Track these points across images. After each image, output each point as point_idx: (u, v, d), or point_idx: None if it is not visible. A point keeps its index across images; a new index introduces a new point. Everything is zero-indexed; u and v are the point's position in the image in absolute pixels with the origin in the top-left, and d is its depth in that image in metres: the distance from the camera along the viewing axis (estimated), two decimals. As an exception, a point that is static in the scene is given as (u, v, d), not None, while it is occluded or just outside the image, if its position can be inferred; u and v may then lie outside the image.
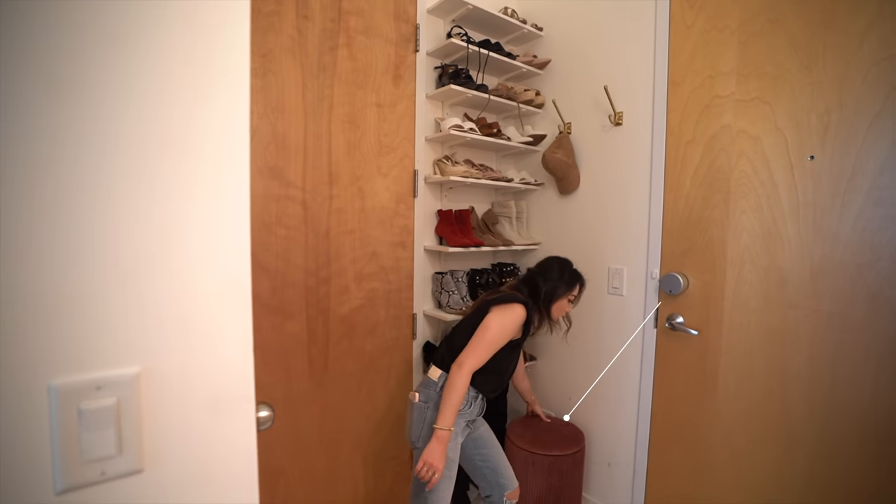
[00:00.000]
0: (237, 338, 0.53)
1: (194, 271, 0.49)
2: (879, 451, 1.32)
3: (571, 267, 1.66)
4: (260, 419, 0.71)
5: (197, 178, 0.49)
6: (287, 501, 1.78)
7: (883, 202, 1.30)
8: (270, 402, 1.69)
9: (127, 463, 0.46)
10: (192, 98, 0.48)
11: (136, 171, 0.45)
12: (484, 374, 1.51)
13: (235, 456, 0.55)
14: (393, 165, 1.97)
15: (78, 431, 0.43)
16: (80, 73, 0.42)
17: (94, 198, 0.43)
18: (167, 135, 0.47)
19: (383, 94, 1.93)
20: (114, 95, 0.44)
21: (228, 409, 0.53)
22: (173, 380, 0.49)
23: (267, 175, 1.65)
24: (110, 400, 0.44)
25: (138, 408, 0.46)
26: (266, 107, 1.64)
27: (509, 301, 1.52)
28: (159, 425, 0.49)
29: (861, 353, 1.35)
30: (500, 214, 2.28)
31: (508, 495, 1.59)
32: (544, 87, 2.26)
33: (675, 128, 1.76)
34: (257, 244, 1.64)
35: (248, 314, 0.53)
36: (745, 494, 1.60)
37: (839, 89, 1.36)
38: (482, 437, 1.64)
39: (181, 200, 0.48)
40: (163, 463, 0.49)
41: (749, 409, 1.58)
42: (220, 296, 0.51)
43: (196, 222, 0.49)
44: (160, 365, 0.48)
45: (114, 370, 0.45)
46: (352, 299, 1.87)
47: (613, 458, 2.00)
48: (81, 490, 0.44)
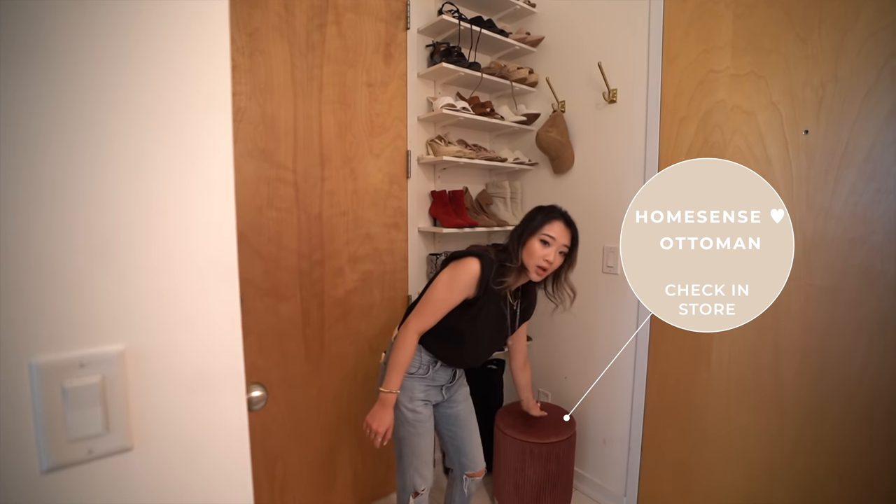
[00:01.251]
0: (224, 314, 0.52)
1: (175, 245, 0.48)
2: (868, 418, 1.34)
3: (550, 205, 1.42)
4: (253, 399, 0.70)
5: (175, 146, 0.47)
6: (286, 484, 1.80)
7: (875, 176, 1.30)
8: (266, 387, 1.71)
9: (115, 441, 0.45)
10: (169, 60, 0.46)
11: (111, 139, 0.44)
12: (436, 335, 1.38)
13: (227, 434, 0.55)
14: (385, 146, 1.94)
15: (63, 410, 0.42)
16: (45, 36, 0.40)
17: (68, 168, 0.42)
18: (142, 100, 0.45)
19: (374, 74, 1.89)
20: (85, 59, 0.42)
21: (217, 386, 0.53)
22: (159, 357, 0.48)
23: (257, 157, 1.62)
24: (95, 378, 0.43)
25: (124, 386, 0.45)
26: (254, 87, 1.60)
27: (464, 255, 1.36)
28: (147, 403, 0.48)
29: (853, 326, 1.36)
30: (494, 195, 2.27)
31: (469, 474, 1.57)
32: (538, 65, 2.22)
33: (669, 104, 1.75)
34: (249, 227, 1.62)
35: (234, 290, 0.52)
36: (738, 464, 1.63)
37: (834, 61, 1.34)
38: (456, 416, 1.54)
39: (159, 170, 0.46)
40: (152, 441, 0.48)
41: (742, 381, 1.60)
42: (204, 270, 0.50)
43: (175, 193, 0.47)
44: (145, 342, 0.47)
45: (97, 347, 0.44)
46: (346, 282, 1.86)
47: (608, 435, 2.02)
48: (69, 469, 0.43)
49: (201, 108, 0.49)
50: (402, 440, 1.44)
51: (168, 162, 0.47)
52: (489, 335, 1.44)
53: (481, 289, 1.32)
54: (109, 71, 0.43)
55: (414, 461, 1.44)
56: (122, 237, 0.45)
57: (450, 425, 1.55)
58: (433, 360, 1.44)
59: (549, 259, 1.33)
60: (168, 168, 0.47)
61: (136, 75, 0.45)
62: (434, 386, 1.47)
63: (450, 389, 1.53)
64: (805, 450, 1.47)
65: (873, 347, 1.33)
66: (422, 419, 1.43)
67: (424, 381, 1.44)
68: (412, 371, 1.41)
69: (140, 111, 0.45)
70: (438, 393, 1.49)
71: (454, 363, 1.47)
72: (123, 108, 0.44)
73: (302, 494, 1.85)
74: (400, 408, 1.40)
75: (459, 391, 1.57)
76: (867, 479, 1.35)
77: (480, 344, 1.43)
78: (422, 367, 1.43)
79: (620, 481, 1.99)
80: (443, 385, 1.49)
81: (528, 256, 1.35)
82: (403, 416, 1.41)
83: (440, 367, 1.46)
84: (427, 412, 1.45)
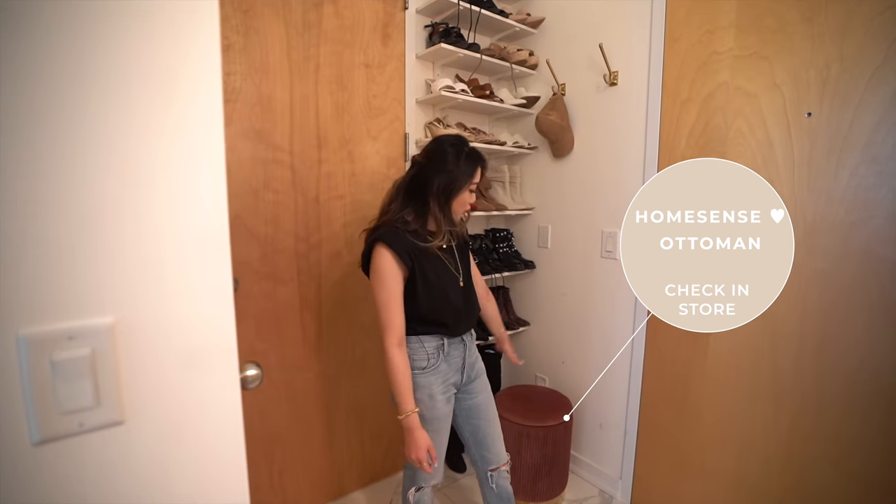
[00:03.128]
0: (215, 289, 0.51)
1: (165, 218, 0.47)
2: (866, 407, 1.34)
3: (467, 147, 1.32)
4: (248, 377, 0.70)
5: (164, 117, 0.46)
6: (285, 467, 1.81)
7: (878, 158, 1.29)
8: (264, 370, 1.71)
9: (106, 414, 0.45)
10: (155, 29, 0.45)
11: (96, 110, 0.42)
12: (417, 320, 1.33)
13: (220, 410, 0.55)
14: (383, 128, 1.92)
15: (52, 382, 0.42)
16: (28, 6, 0.38)
17: (55, 140, 0.41)
18: (128, 69, 0.44)
19: (371, 54, 1.86)
20: (66, 28, 0.40)
21: (210, 362, 0.52)
22: (150, 330, 0.47)
23: (253, 138, 1.60)
24: (84, 350, 0.43)
25: (115, 359, 0.45)
26: (249, 67, 1.57)
27: (370, 250, 1.30)
28: (138, 377, 0.47)
29: (851, 311, 1.36)
30: (493, 179, 2.25)
31: (492, 469, 1.47)
32: (538, 47, 2.18)
33: (670, 87, 1.72)
34: (245, 209, 1.61)
35: (226, 265, 0.51)
36: (732, 449, 1.64)
37: (840, 41, 1.32)
38: (476, 408, 1.46)
39: (146, 142, 0.45)
40: (144, 415, 0.48)
41: (739, 368, 1.60)
42: (195, 245, 0.49)
43: (164, 165, 0.46)
44: (135, 315, 0.46)
45: (86, 320, 0.43)
46: (344, 265, 1.86)
47: (605, 419, 2.04)
48: (59, 441, 0.43)
49: (190, 78, 0.48)
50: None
51: (156, 134, 0.46)
52: (449, 282, 1.36)
53: (408, 260, 1.27)
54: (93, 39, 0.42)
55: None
56: (110, 209, 0.44)
57: (471, 418, 1.47)
58: (439, 344, 1.35)
59: (473, 202, 1.36)
60: (156, 140, 0.46)
61: (121, 43, 0.43)
62: (452, 370, 1.39)
63: (473, 369, 1.45)
64: (800, 436, 1.47)
65: (870, 333, 1.33)
66: (439, 416, 1.37)
67: (440, 372, 1.36)
68: (424, 366, 1.33)
69: (126, 80, 0.44)
70: (458, 374, 1.40)
71: (452, 327, 1.36)
72: (108, 77, 0.43)
73: (301, 477, 1.87)
74: (419, 404, 1.32)
75: (479, 380, 1.48)
76: (861, 467, 1.35)
77: (450, 294, 1.35)
78: (431, 358, 1.35)
79: (616, 464, 2.01)
80: (461, 366, 1.40)
81: (459, 206, 1.33)
82: (421, 412, 1.32)
83: (448, 347, 1.37)
84: (446, 409, 1.39)
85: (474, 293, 1.46)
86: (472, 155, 1.31)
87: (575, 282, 2.12)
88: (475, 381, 1.47)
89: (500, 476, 1.49)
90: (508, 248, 2.30)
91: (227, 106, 1.54)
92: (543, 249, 2.26)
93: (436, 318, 1.33)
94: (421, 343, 1.34)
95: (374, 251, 1.28)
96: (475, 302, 1.47)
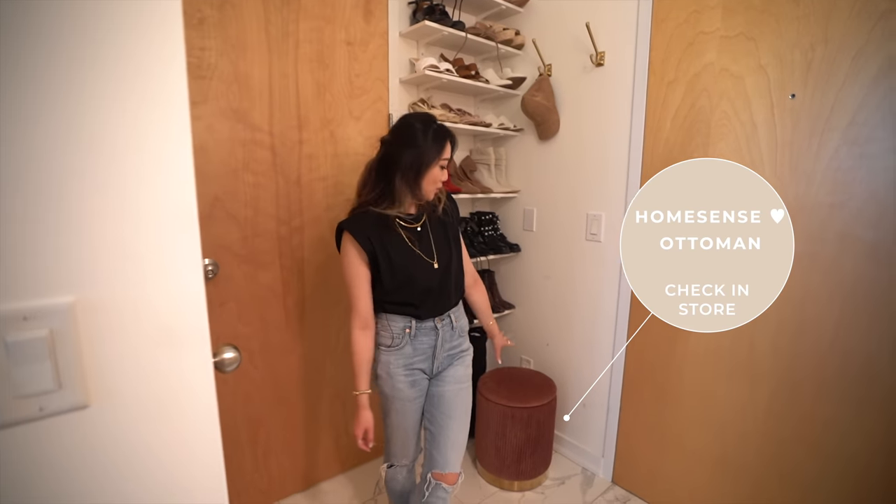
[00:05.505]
0: (185, 267, 0.49)
1: (130, 192, 0.44)
2: (835, 385, 1.38)
3: (435, 124, 1.28)
4: (226, 360, 0.68)
5: (129, 85, 0.43)
6: (269, 450, 1.80)
7: (858, 141, 1.30)
8: (247, 354, 1.69)
9: (69, 398, 0.43)
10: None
11: (53, 67, 0.39)
12: (386, 300, 1.31)
13: (193, 393, 0.53)
14: (366, 108, 1.87)
15: (7, 365, 0.40)
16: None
17: (9, 106, 0.38)
18: (86, 31, 0.40)
19: (353, 31, 1.80)
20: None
21: (181, 343, 0.50)
22: (115, 311, 0.45)
23: (231, 117, 1.55)
24: (41, 331, 0.40)
25: (76, 340, 0.43)
26: (225, 43, 1.51)
27: (339, 237, 1.32)
28: (104, 359, 0.45)
29: (827, 293, 1.38)
30: (478, 161, 2.23)
31: (435, 474, 1.33)
32: (524, 26, 2.15)
33: (657, 67, 1.71)
34: (225, 192, 1.56)
35: (195, 242, 0.49)
36: (711, 428, 1.68)
37: (826, 22, 1.31)
38: (440, 397, 1.37)
39: (107, 112, 0.42)
40: (112, 398, 0.46)
41: (718, 350, 1.63)
42: (163, 220, 0.47)
43: (128, 136, 0.44)
44: (99, 294, 0.44)
45: (43, 300, 0.41)
46: (327, 248, 1.83)
47: (588, 399, 2.07)
48: (18, 426, 0.41)
49: (154, 41, 0.45)
50: (383, 413, 1.41)
51: (119, 102, 0.43)
52: (418, 264, 1.30)
53: (368, 243, 1.25)
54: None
55: (392, 435, 1.41)
56: (69, 181, 0.41)
57: (431, 406, 1.38)
58: (406, 326, 1.31)
59: (444, 178, 1.29)
60: (118, 107, 0.43)
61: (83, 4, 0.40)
62: (419, 355, 1.34)
63: (450, 357, 1.38)
64: (775, 416, 1.51)
65: (845, 314, 1.35)
66: (400, 396, 1.33)
67: (402, 354, 1.32)
68: (388, 344, 1.33)
69: (85, 42, 0.41)
70: (427, 361, 1.35)
71: (421, 308, 1.31)
72: (60, 32, 0.40)
73: (285, 460, 1.86)
74: (378, 382, 1.35)
75: (453, 370, 1.38)
76: (833, 445, 1.39)
77: (418, 276, 1.29)
78: (396, 338, 1.32)
79: (598, 443, 2.05)
80: (431, 354, 1.35)
81: (430, 183, 1.27)
82: (381, 391, 1.36)
83: (416, 331, 1.32)
84: (410, 392, 1.34)
85: (454, 278, 1.37)
86: (440, 130, 1.27)
87: (559, 265, 2.12)
88: (446, 370, 1.39)
89: (438, 489, 1.32)
90: (494, 232, 2.29)
91: (202, 83, 1.48)
92: (529, 232, 2.26)
93: (402, 299, 1.30)
94: (388, 321, 1.33)
95: (340, 236, 1.30)
96: (454, 287, 1.37)
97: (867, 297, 1.32)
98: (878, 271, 1.29)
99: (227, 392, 1.65)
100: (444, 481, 1.32)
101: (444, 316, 1.36)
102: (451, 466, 1.33)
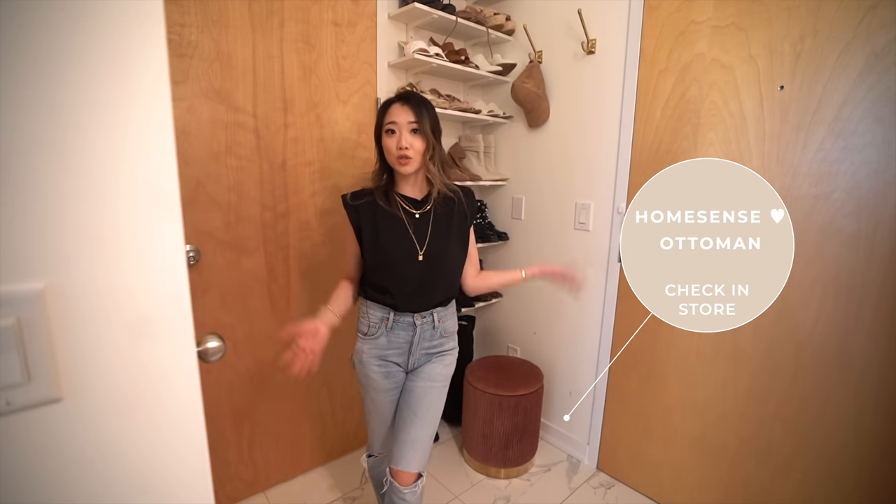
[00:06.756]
0: (165, 253, 0.46)
1: (105, 171, 0.41)
2: (813, 367, 1.41)
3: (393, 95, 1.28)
4: (210, 349, 0.66)
5: (101, 51, 0.40)
6: (253, 440, 1.78)
7: (844, 133, 1.31)
8: (231, 343, 1.65)
9: (39, 391, 0.40)
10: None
11: (10, 36, 0.36)
12: (368, 284, 1.31)
13: (175, 384, 0.50)
14: (353, 92, 1.83)
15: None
16: None
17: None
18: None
19: (341, 12, 1.75)
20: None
21: (162, 331, 0.48)
22: (89, 298, 0.42)
23: (213, 98, 1.50)
24: (7, 320, 0.38)
25: (46, 329, 0.40)
26: (206, 19, 1.45)
27: None
28: (79, 349, 0.43)
29: (809, 282, 1.40)
30: (467, 149, 2.20)
31: (392, 470, 1.28)
32: (515, 12, 2.11)
33: (648, 56, 1.70)
34: (207, 176, 1.52)
35: (177, 227, 0.46)
36: (694, 411, 1.71)
37: (816, 13, 1.31)
38: (411, 392, 1.32)
39: (77, 83, 0.39)
40: (87, 391, 0.44)
41: (700, 334, 1.65)
42: (142, 202, 0.44)
43: (102, 110, 0.40)
44: (70, 280, 0.41)
45: (9, 285, 0.38)
46: (313, 235, 1.79)
47: (574, 387, 2.09)
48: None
49: (129, 9, 0.41)
50: (362, 402, 1.40)
51: (90, 73, 0.40)
52: (401, 250, 1.25)
53: (354, 214, 1.28)
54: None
55: (369, 424, 1.41)
56: (35, 157, 0.38)
57: (401, 400, 1.35)
58: (383, 317, 1.28)
59: (402, 145, 1.19)
60: (95, 85, 0.40)
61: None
62: (394, 349, 1.30)
63: (428, 356, 1.33)
64: (756, 397, 1.54)
65: (825, 302, 1.38)
66: (375, 386, 1.32)
67: (377, 344, 1.29)
68: (365, 332, 1.31)
69: (55, 6, 0.38)
70: (402, 356, 1.31)
71: (398, 298, 1.26)
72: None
73: (270, 450, 1.84)
74: (355, 369, 1.36)
75: (429, 367, 1.33)
76: (808, 424, 1.44)
77: (397, 262, 1.25)
78: (371, 327, 1.29)
79: (584, 430, 2.07)
80: (407, 349, 1.31)
81: (388, 154, 1.24)
82: (358, 378, 1.36)
83: (394, 323, 1.28)
84: (385, 383, 1.31)
85: (444, 276, 1.30)
86: (385, 102, 1.25)
87: (548, 254, 2.12)
88: (423, 366, 1.34)
89: (393, 490, 1.27)
90: (482, 220, 2.28)
91: (182, 61, 1.42)
92: (517, 221, 2.25)
93: (380, 282, 1.27)
94: (367, 309, 1.32)
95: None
96: (441, 286, 1.30)
97: (847, 286, 1.34)
98: (857, 260, 1.32)
99: (210, 382, 1.61)
100: (397, 480, 1.26)
101: (425, 314, 1.29)
102: (405, 464, 1.25)
